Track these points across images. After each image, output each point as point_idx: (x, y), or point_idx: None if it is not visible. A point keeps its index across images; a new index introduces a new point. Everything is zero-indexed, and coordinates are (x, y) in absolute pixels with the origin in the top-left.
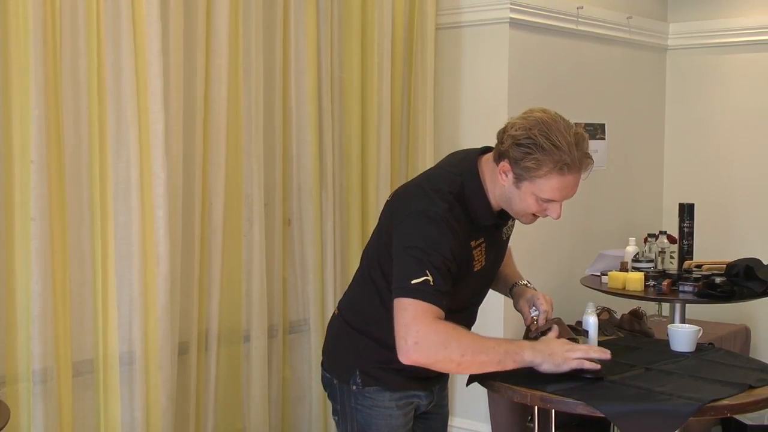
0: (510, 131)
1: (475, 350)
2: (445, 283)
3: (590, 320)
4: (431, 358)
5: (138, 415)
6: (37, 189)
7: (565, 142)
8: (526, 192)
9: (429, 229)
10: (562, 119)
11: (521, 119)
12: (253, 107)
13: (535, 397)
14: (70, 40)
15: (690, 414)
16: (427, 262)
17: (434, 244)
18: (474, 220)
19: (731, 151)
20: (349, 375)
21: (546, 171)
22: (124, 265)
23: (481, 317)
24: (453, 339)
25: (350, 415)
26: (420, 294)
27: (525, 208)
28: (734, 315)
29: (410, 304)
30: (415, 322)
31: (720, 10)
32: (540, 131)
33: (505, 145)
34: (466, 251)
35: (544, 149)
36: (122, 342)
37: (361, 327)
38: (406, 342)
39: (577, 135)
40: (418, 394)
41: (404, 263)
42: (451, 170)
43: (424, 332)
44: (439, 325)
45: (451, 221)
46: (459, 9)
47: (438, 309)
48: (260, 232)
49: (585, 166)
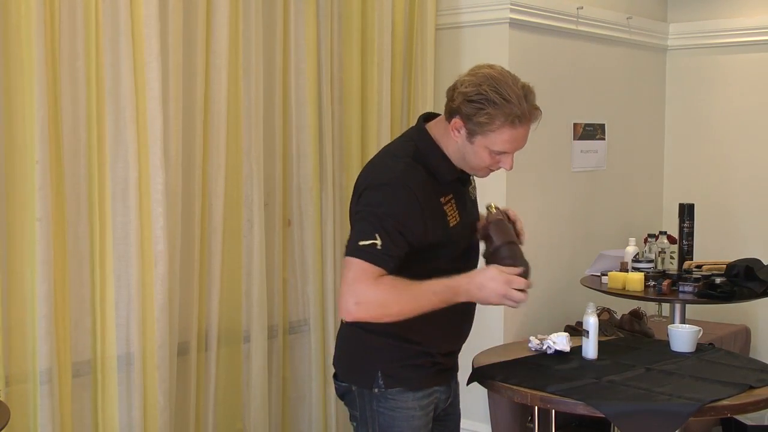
0: (460, 88)
1: (413, 306)
2: (394, 247)
3: (590, 320)
4: (371, 316)
5: (135, 414)
6: (42, 189)
7: (514, 95)
8: (480, 146)
9: (383, 195)
10: (509, 73)
11: (470, 76)
12: (253, 107)
13: (535, 398)
14: (69, 41)
15: (690, 414)
16: (379, 226)
17: (387, 208)
18: (437, 177)
19: (731, 151)
20: (371, 378)
21: (498, 125)
22: (122, 266)
23: (482, 317)
24: (391, 298)
25: (371, 420)
26: (365, 255)
27: (479, 162)
28: (734, 315)
29: (355, 264)
30: (356, 282)
31: (720, 10)
32: (490, 86)
33: (456, 102)
34: (436, 208)
35: (495, 104)
36: (120, 342)
37: (374, 326)
38: (347, 302)
39: (524, 88)
40: (438, 389)
41: (357, 226)
42: (401, 140)
43: (364, 292)
44: (379, 285)
45: (409, 183)
46: (459, 9)
47: (381, 270)
48: (260, 232)
49: (534, 117)
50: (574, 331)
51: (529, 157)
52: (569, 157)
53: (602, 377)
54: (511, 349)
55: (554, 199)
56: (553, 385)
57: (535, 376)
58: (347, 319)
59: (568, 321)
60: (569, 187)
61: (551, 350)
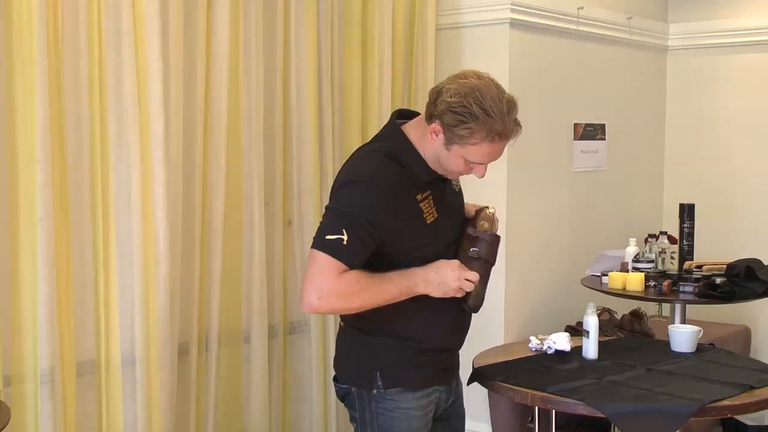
0: (444, 96)
1: (373, 300)
2: (360, 245)
3: (591, 320)
4: (332, 310)
5: (139, 415)
6: (43, 189)
7: (498, 110)
8: (456, 154)
9: (353, 193)
10: (494, 84)
11: (456, 84)
12: (253, 107)
13: (535, 398)
14: (71, 41)
15: (690, 414)
16: (346, 222)
17: (357, 205)
18: (412, 176)
19: (732, 152)
20: (370, 379)
21: (478, 139)
22: (125, 266)
23: (482, 317)
24: (352, 293)
25: (371, 421)
26: (330, 249)
27: (453, 168)
28: (735, 315)
29: (320, 258)
30: (320, 276)
31: (720, 10)
32: (475, 99)
33: (439, 108)
34: (411, 205)
35: (478, 118)
36: (124, 343)
37: (373, 328)
38: (310, 296)
39: (509, 102)
40: (439, 388)
41: (326, 220)
42: (376, 139)
43: (327, 287)
44: (342, 280)
45: (380, 181)
46: (459, 9)
47: (344, 265)
48: (260, 232)
49: (515, 134)
50: (574, 331)
51: (529, 157)
52: (569, 157)
53: (603, 377)
54: (511, 349)
55: (554, 199)
56: (554, 386)
57: (536, 376)
58: (308, 312)
59: (568, 321)
60: (569, 187)
61: (551, 350)
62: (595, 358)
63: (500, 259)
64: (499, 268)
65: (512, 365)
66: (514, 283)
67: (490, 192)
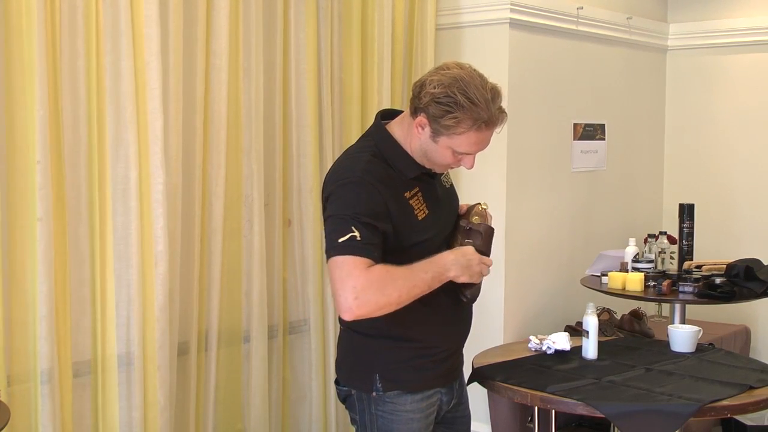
0: (428, 88)
1: (409, 287)
2: (372, 236)
3: (590, 320)
4: (372, 308)
5: (136, 415)
6: (43, 189)
7: (482, 98)
8: (443, 146)
9: (348, 194)
10: (477, 74)
11: (439, 76)
12: (253, 107)
13: (535, 398)
14: (70, 41)
15: (690, 414)
16: (351, 220)
17: (355, 204)
18: (399, 174)
19: (731, 152)
20: (369, 382)
21: (465, 128)
22: (123, 265)
23: (482, 317)
24: (388, 283)
25: (370, 423)
26: (348, 249)
27: (441, 161)
28: (734, 315)
29: (342, 261)
30: (348, 277)
31: (720, 10)
32: (459, 89)
33: (424, 101)
34: (401, 202)
35: (463, 107)
36: (120, 342)
37: (373, 330)
38: (346, 300)
39: (493, 90)
40: (440, 390)
41: (330, 227)
42: (360, 141)
43: (359, 283)
44: (372, 273)
45: (370, 179)
46: (459, 9)
47: (368, 260)
48: (260, 232)
49: (501, 121)
50: (574, 331)
51: (528, 157)
52: (569, 157)
53: (602, 377)
54: (511, 349)
55: (554, 199)
56: (553, 386)
57: (535, 376)
58: (349, 318)
59: (568, 321)
60: (569, 187)
61: (551, 350)
62: (595, 358)
63: (500, 259)
64: (499, 268)
65: (512, 365)
66: (513, 283)
67: (490, 192)
